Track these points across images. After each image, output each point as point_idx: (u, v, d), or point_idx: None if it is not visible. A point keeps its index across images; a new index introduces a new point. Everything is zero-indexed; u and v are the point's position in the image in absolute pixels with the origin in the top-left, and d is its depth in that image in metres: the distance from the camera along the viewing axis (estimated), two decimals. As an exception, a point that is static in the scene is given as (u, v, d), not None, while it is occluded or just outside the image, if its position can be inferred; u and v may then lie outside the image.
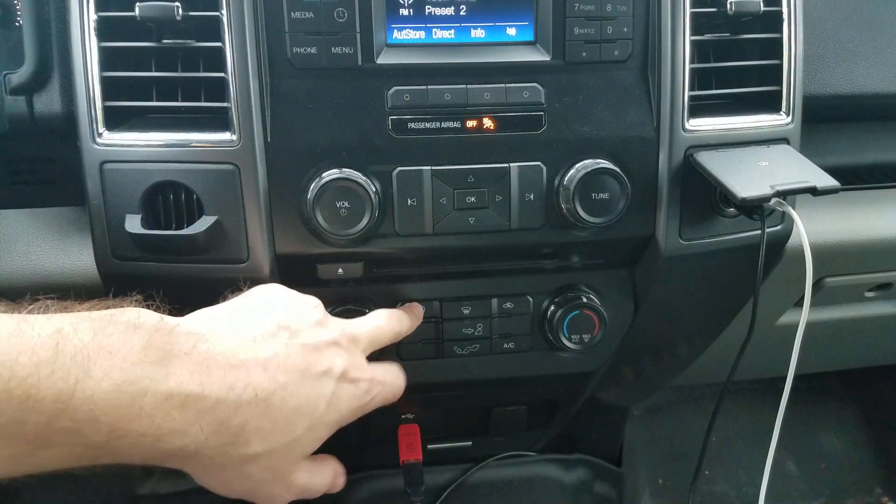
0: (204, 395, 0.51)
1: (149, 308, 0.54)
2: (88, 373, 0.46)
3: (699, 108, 0.79)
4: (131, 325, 0.50)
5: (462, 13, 0.74)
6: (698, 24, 0.78)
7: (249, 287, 0.65)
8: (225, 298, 0.64)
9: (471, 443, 1.11)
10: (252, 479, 0.58)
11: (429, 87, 0.73)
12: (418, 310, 0.81)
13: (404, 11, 0.73)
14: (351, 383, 0.62)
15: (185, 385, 0.50)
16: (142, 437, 0.49)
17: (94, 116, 0.71)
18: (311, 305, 0.64)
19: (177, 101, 0.73)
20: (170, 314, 0.55)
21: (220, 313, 0.59)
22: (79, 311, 0.51)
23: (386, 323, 0.72)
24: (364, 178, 0.72)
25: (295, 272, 0.78)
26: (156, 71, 0.73)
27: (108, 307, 0.53)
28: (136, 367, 0.48)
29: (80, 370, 0.46)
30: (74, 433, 0.46)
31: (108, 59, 0.71)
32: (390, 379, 0.68)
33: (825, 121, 0.97)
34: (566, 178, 0.75)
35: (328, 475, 0.67)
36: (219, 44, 0.71)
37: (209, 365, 0.52)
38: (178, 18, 0.69)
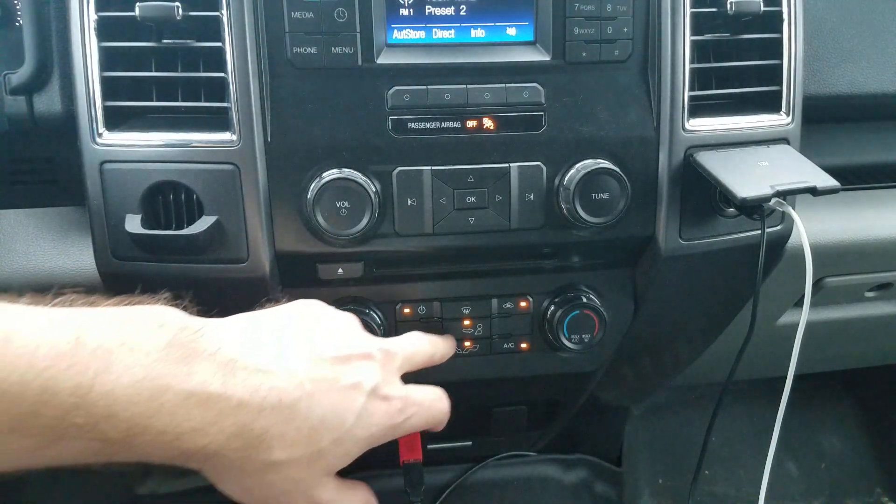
0: (226, 396, 0.50)
1: (177, 307, 0.53)
2: (108, 368, 0.45)
3: (699, 108, 0.79)
4: (156, 322, 0.50)
5: (462, 13, 0.74)
6: (698, 24, 0.78)
7: (288, 300, 0.64)
8: (262, 307, 0.63)
9: (471, 443, 1.11)
10: (273, 489, 0.56)
11: (429, 87, 0.73)
12: (452, 340, 0.80)
13: (404, 11, 0.74)
14: (383, 400, 0.60)
15: (207, 384, 0.49)
16: (161, 434, 0.48)
17: (94, 116, 0.71)
18: (345, 320, 0.63)
19: (177, 101, 0.73)
20: (198, 315, 0.55)
21: (250, 319, 0.58)
22: (104, 306, 0.51)
23: (421, 344, 0.70)
24: (364, 178, 0.72)
25: (295, 272, 0.78)
26: (156, 71, 0.73)
27: (134, 304, 0.52)
28: (158, 363, 0.48)
29: (99, 364, 0.45)
30: (91, 427, 0.45)
31: (108, 59, 0.71)
32: (428, 401, 0.64)
33: (825, 121, 0.97)
34: (566, 178, 0.75)
35: (356, 501, 0.63)
36: (219, 44, 0.71)
37: (233, 367, 0.51)
38: (178, 18, 0.69)
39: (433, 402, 0.65)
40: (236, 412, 0.50)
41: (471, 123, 0.74)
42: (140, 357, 0.47)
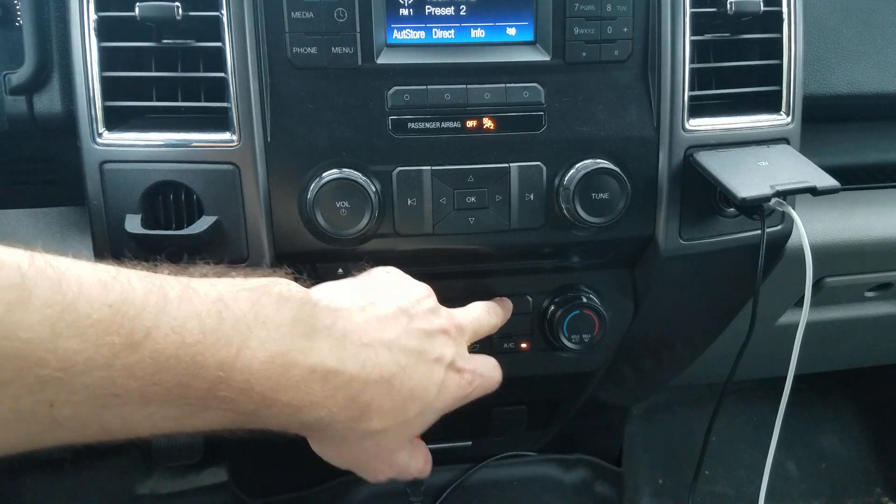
0: (341, 371, 0.53)
1: (296, 281, 0.56)
2: (247, 343, 0.48)
3: (699, 108, 0.79)
4: (283, 296, 0.52)
5: (462, 13, 0.74)
6: (698, 24, 0.78)
7: (371, 266, 0.68)
8: (349, 273, 0.66)
9: (471, 443, 1.11)
10: (365, 454, 0.61)
11: (429, 87, 0.73)
12: (509, 304, 0.82)
13: (404, 11, 0.74)
14: (457, 373, 0.64)
15: (326, 360, 0.52)
16: (286, 407, 0.50)
17: (94, 116, 0.71)
18: (424, 292, 0.66)
19: (177, 101, 0.73)
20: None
21: (348, 291, 0.61)
22: (233, 276, 0.53)
23: (485, 315, 0.73)
24: (364, 177, 0.72)
25: (294, 272, 0.78)
26: (156, 71, 0.73)
27: (259, 276, 0.55)
28: (287, 339, 0.50)
29: (240, 339, 0.47)
30: (231, 400, 0.48)
31: (108, 59, 0.71)
32: (489, 372, 0.69)
33: (825, 121, 0.97)
34: (566, 178, 0.75)
35: (421, 459, 0.69)
36: (219, 44, 0.71)
37: (345, 342, 0.54)
38: (178, 18, 0.69)
39: (492, 373, 0.70)
40: (347, 386, 0.54)
41: (471, 123, 0.74)
42: (272, 332, 0.49)
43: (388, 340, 0.58)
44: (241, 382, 0.47)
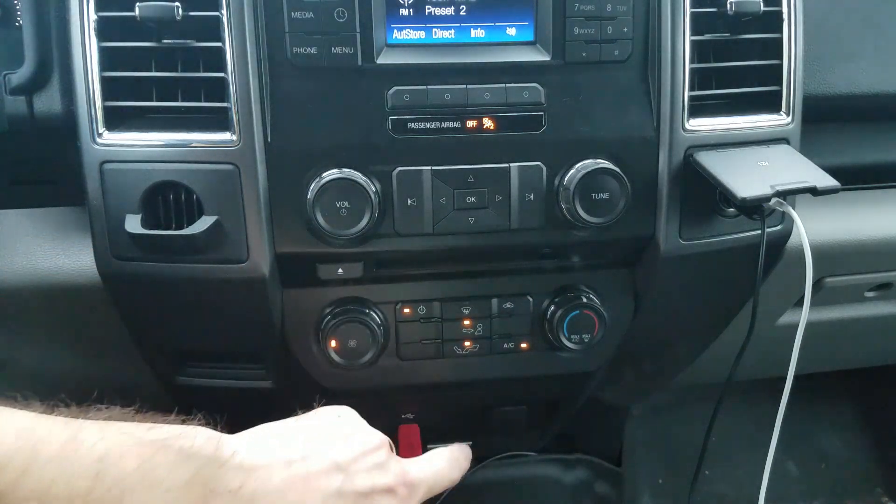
0: None
1: (211, 427, 0.49)
2: None
3: (699, 108, 0.79)
4: (183, 453, 0.45)
5: (462, 13, 0.74)
6: (698, 24, 0.78)
7: (322, 404, 0.61)
8: (296, 413, 0.59)
9: (471, 443, 1.11)
10: None
11: (429, 87, 0.73)
12: (468, 450, 0.74)
13: (404, 11, 0.73)
14: None
15: None
16: None
17: (94, 116, 0.71)
18: (374, 443, 0.58)
19: (177, 101, 0.73)
20: (231, 431, 0.51)
21: (280, 441, 0.54)
22: (140, 421, 0.47)
23: (447, 469, 0.65)
24: (364, 177, 0.72)
25: (295, 272, 0.78)
26: (156, 71, 0.73)
27: (170, 423, 0.48)
28: None
29: None
30: None
31: (108, 59, 0.71)
32: None
33: (825, 121, 0.97)
34: (566, 178, 0.75)
35: None
36: (219, 44, 0.71)
37: None
38: (178, 18, 0.69)
39: None
40: None
41: (471, 123, 0.74)
42: (157, 497, 0.43)
43: (314, 501, 0.50)
44: None
